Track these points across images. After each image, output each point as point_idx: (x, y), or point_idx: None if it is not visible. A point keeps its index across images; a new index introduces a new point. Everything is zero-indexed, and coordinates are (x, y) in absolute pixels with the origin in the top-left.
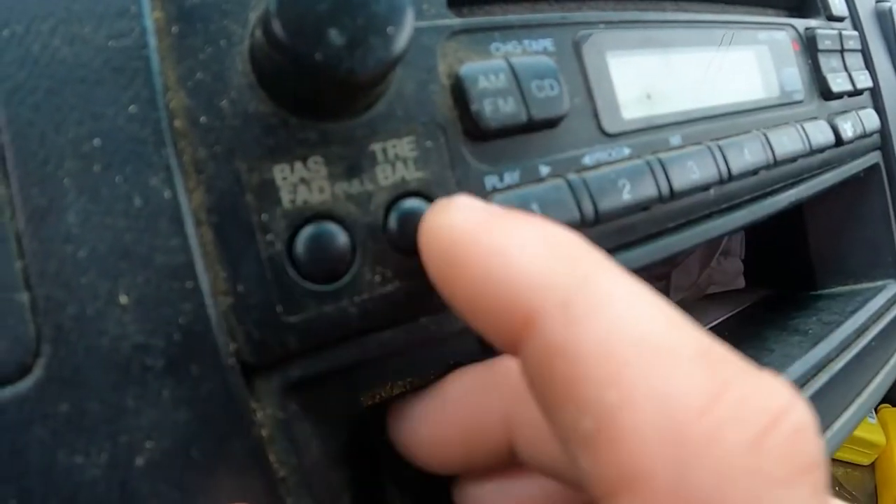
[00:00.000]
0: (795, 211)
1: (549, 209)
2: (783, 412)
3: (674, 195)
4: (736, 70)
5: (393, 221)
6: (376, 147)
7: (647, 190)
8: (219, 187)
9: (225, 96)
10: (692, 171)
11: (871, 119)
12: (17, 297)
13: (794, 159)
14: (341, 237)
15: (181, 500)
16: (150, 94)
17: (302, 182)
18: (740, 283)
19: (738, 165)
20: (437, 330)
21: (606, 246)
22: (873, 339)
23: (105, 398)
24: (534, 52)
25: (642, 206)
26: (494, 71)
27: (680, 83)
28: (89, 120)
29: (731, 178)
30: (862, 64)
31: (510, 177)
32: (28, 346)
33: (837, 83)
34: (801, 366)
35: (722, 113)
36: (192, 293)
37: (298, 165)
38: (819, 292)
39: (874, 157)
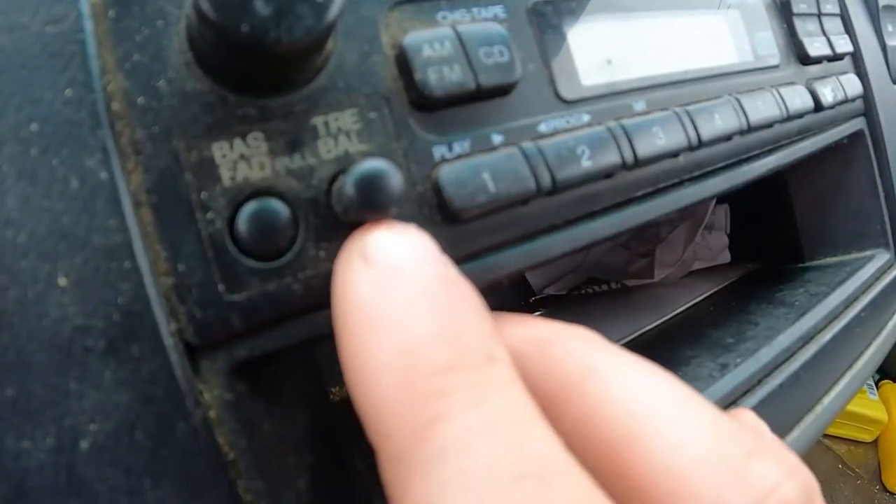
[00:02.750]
0: (780, 182)
1: (501, 178)
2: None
3: (638, 162)
4: (705, 34)
5: (342, 194)
6: (317, 121)
7: (609, 157)
8: (157, 167)
9: (162, 76)
10: (658, 136)
11: (852, 84)
12: None
13: (770, 125)
14: (283, 213)
15: (126, 483)
16: (87, 78)
17: (242, 159)
18: (725, 257)
19: (708, 131)
20: None
21: (568, 216)
22: (863, 310)
23: (48, 381)
24: (483, 20)
25: (604, 174)
26: (440, 39)
27: (644, 48)
28: (27, 105)
29: (701, 144)
30: (841, 28)
31: (460, 146)
32: None
33: (815, 47)
34: (786, 338)
35: (690, 78)
36: (131, 273)
37: (238, 142)
38: (807, 264)
39: (858, 124)
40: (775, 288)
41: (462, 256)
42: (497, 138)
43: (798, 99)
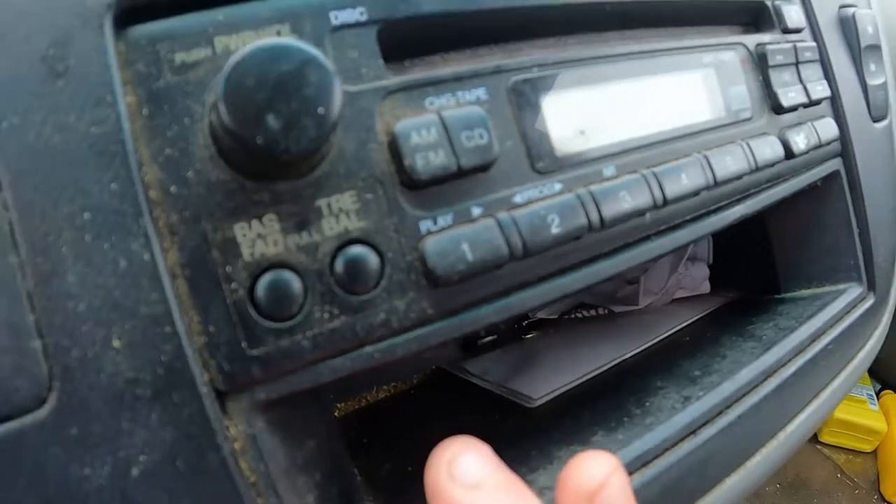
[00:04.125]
0: (758, 217)
1: (478, 248)
2: None
3: (604, 224)
4: (679, 95)
5: (339, 266)
6: (322, 202)
7: (577, 222)
8: (189, 246)
9: (190, 168)
10: (625, 200)
11: (828, 128)
12: (31, 344)
13: (738, 178)
14: (294, 282)
15: (169, 503)
16: (127, 172)
17: (259, 237)
18: (706, 287)
19: (673, 190)
20: (380, 357)
21: (539, 274)
22: (831, 343)
23: (106, 422)
24: (467, 103)
25: (573, 237)
26: (426, 126)
27: (618, 114)
28: (80, 197)
29: (666, 202)
30: (820, 74)
31: (443, 220)
32: (42, 382)
33: (789, 97)
34: (748, 372)
35: (661, 140)
36: (171, 336)
37: (255, 223)
38: (783, 296)
39: (834, 165)
40: (748, 320)
41: (445, 313)
42: (476, 210)
43: (768, 150)
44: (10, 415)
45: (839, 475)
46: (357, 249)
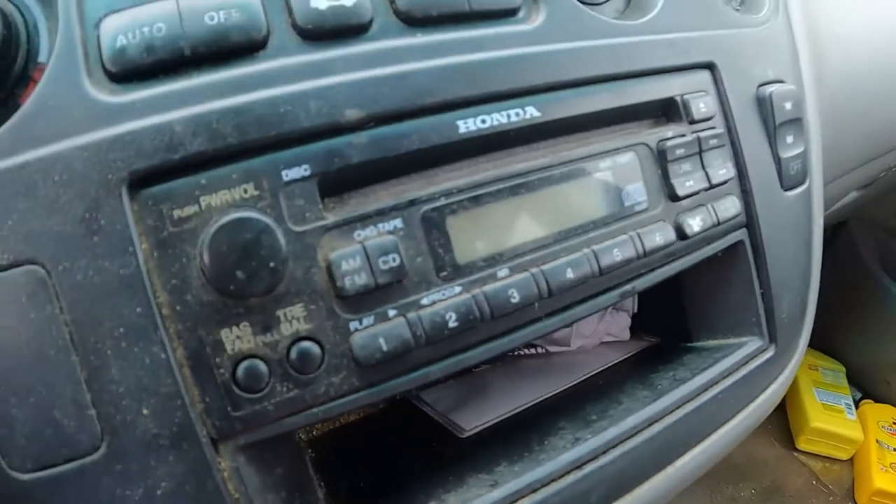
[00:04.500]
0: (674, 276)
1: (391, 340)
2: None
3: (494, 317)
4: (575, 199)
5: (293, 355)
6: (279, 312)
7: (470, 316)
8: (191, 346)
9: (189, 292)
10: (513, 296)
11: (729, 207)
12: (89, 413)
13: (625, 264)
14: (262, 367)
15: None
16: (146, 299)
17: (237, 338)
18: (626, 335)
19: (559, 284)
20: (323, 415)
21: (441, 354)
22: (723, 392)
23: (139, 462)
24: (385, 233)
25: (466, 329)
26: (353, 255)
27: (514, 224)
28: (115, 317)
29: (552, 294)
30: (725, 157)
31: (367, 321)
32: (97, 436)
33: (686, 186)
34: (634, 419)
35: (553, 240)
36: (181, 406)
37: (234, 329)
38: (693, 344)
39: (738, 236)
40: (654, 368)
41: (368, 385)
42: (391, 312)
43: (659, 236)
44: (75, 457)
45: (814, 482)
46: (305, 344)
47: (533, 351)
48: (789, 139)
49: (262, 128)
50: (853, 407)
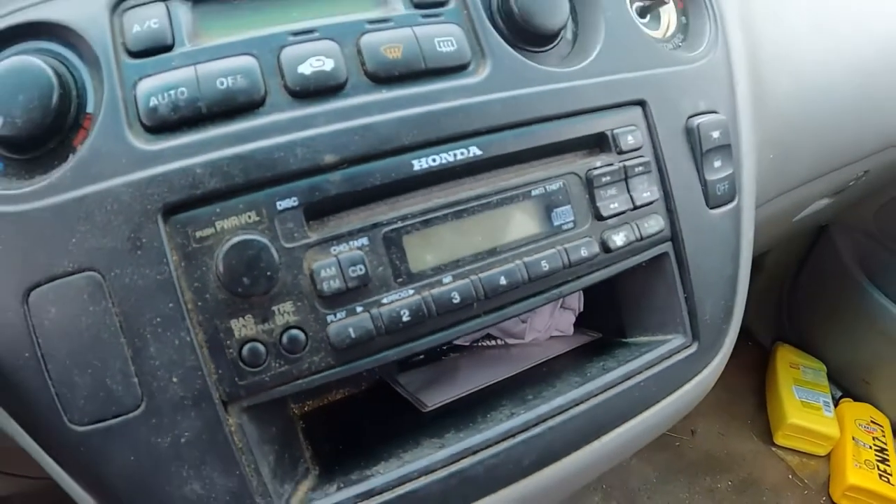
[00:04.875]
0: (609, 281)
1: (358, 329)
2: None
3: (439, 314)
4: (511, 219)
5: (284, 340)
6: (275, 308)
7: (420, 313)
8: (209, 332)
9: (207, 292)
10: (454, 297)
11: (652, 225)
12: (132, 380)
13: (552, 273)
14: (262, 349)
15: (200, 458)
16: (176, 297)
17: (243, 326)
18: (570, 331)
19: (492, 288)
20: (306, 385)
21: (396, 342)
22: (645, 381)
23: (169, 417)
24: (355, 248)
25: (417, 322)
26: (329, 265)
27: (459, 240)
28: (153, 310)
29: (487, 297)
30: (651, 182)
31: (340, 315)
32: (138, 398)
33: (610, 208)
34: (561, 400)
35: (491, 254)
36: (201, 376)
37: (241, 320)
38: (626, 340)
39: (663, 248)
40: (588, 359)
41: (342, 363)
42: (359, 309)
43: (584, 250)
44: (120, 413)
45: (791, 476)
46: (293, 331)
47: (494, 343)
48: (717, 164)
49: (261, 169)
50: (832, 405)
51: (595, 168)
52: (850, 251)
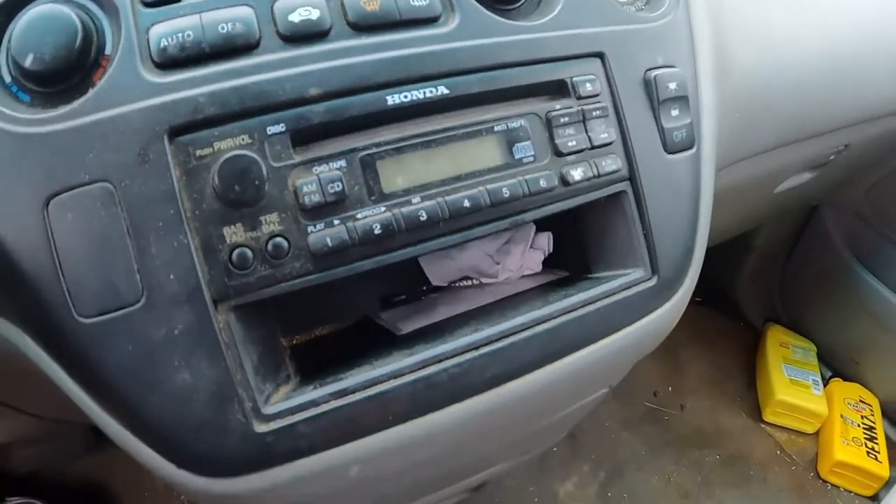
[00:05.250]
0: (576, 217)
1: (335, 239)
2: None
3: (408, 229)
4: (476, 151)
5: (269, 247)
6: (262, 218)
7: (390, 227)
8: (203, 237)
9: (204, 202)
10: (421, 215)
11: (609, 164)
12: (135, 277)
13: (513, 200)
14: (249, 254)
15: (191, 349)
16: (176, 206)
17: (234, 234)
18: (539, 268)
19: (456, 209)
20: (288, 288)
21: (369, 253)
22: (605, 307)
23: (166, 311)
24: (335, 169)
25: (388, 235)
26: (310, 182)
27: (427, 166)
28: (156, 216)
29: (451, 217)
30: (609, 124)
31: (319, 226)
32: (139, 292)
33: (569, 146)
34: (521, 318)
35: (456, 179)
36: (196, 277)
37: (231, 227)
38: (591, 275)
39: (622, 187)
40: (554, 290)
41: (319, 269)
42: (336, 222)
43: (543, 181)
44: (123, 307)
45: (779, 452)
46: (278, 239)
47: (469, 283)
48: (674, 112)
49: (254, 100)
50: (820, 383)
51: (554, 110)
52: (840, 233)
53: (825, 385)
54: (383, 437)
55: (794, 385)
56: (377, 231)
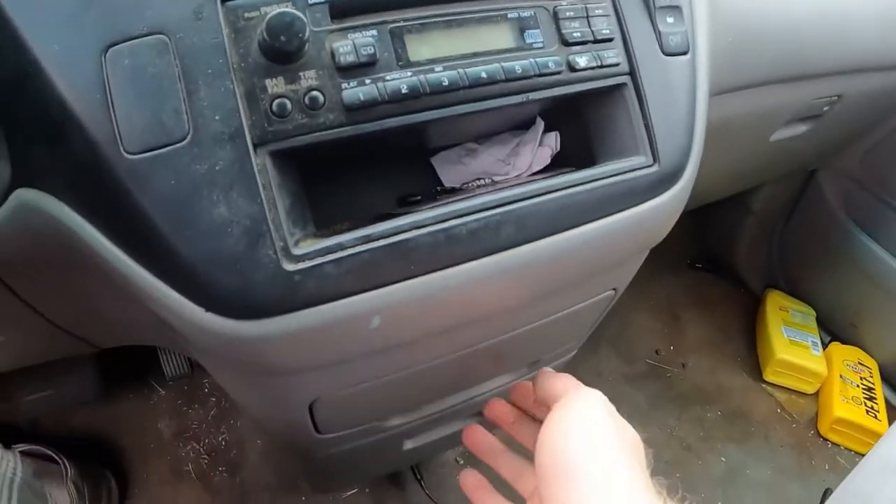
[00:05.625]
0: (580, 111)
1: (366, 95)
2: None
3: (431, 92)
4: (492, 34)
5: (306, 100)
6: (301, 74)
7: (416, 89)
8: (247, 86)
9: (249, 56)
10: (444, 81)
11: (612, 55)
12: (184, 117)
13: (525, 77)
14: (288, 104)
15: (229, 184)
16: (225, 57)
17: (275, 85)
18: (548, 163)
19: (475, 79)
20: (322, 136)
21: (397, 111)
22: (605, 186)
23: (210, 147)
24: (367, 36)
25: (413, 96)
26: (347, 45)
27: (449, 42)
28: (208, 66)
29: (470, 85)
30: (608, 23)
31: (353, 84)
32: (186, 130)
33: (574, 36)
34: (531, 187)
35: (475, 55)
36: (239, 122)
37: (274, 80)
38: (597, 166)
39: (623, 79)
40: (563, 174)
41: (352, 122)
42: (367, 81)
43: (551, 63)
44: (170, 143)
45: (779, 410)
46: (314, 93)
47: (482, 182)
48: (669, 20)
49: None
50: (820, 345)
51: (561, 5)
52: (837, 197)
53: (824, 349)
54: (405, 287)
55: (793, 345)
56: (404, 90)
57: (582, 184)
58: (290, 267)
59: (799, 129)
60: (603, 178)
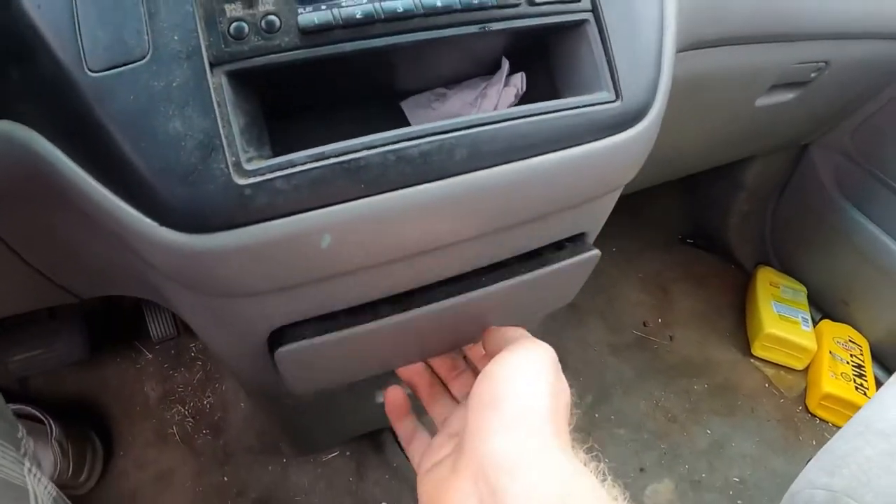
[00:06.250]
0: (545, 49)
1: (320, 18)
2: None
3: (385, 20)
4: None
5: (262, 23)
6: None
7: (371, 16)
8: (207, 9)
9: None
10: (398, 7)
11: None
12: (144, 36)
13: (481, 8)
14: (246, 27)
15: (185, 100)
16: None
17: (233, 9)
18: (513, 102)
19: (430, 6)
20: (276, 59)
21: (352, 36)
22: (567, 118)
23: (168, 66)
24: None
25: (365, 23)
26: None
27: None
28: (180, 32)
29: (426, 13)
30: None
31: (309, 8)
32: (146, 49)
33: None
34: (489, 115)
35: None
36: (197, 43)
37: (232, 5)
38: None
39: (584, 16)
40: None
41: (305, 45)
42: (323, 7)
43: None
44: (130, 61)
45: (767, 385)
46: (271, 17)
47: None
48: None
49: None
50: (810, 322)
51: None
52: (829, 172)
53: (815, 326)
54: (355, 207)
55: (783, 320)
56: (358, 16)
57: (539, 114)
58: (241, 181)
59: (786, 96)
60: (562, 110)
